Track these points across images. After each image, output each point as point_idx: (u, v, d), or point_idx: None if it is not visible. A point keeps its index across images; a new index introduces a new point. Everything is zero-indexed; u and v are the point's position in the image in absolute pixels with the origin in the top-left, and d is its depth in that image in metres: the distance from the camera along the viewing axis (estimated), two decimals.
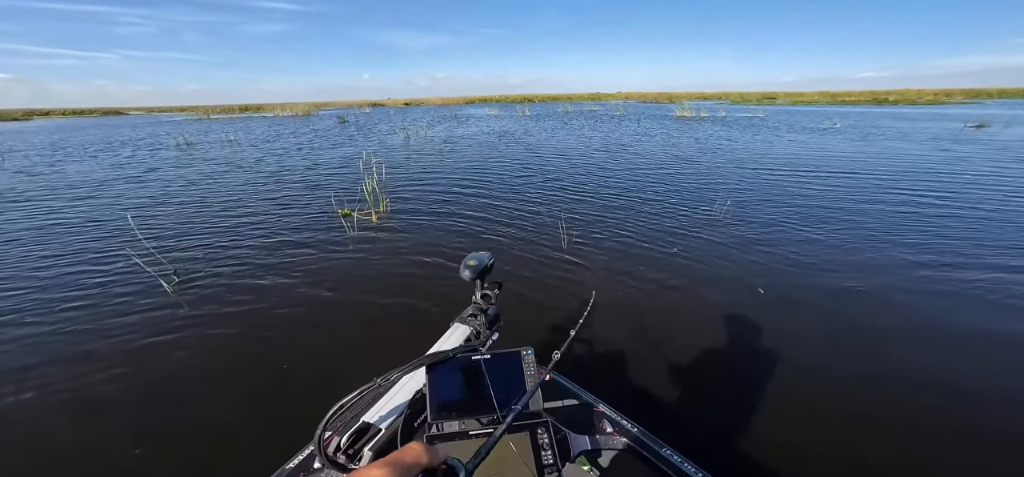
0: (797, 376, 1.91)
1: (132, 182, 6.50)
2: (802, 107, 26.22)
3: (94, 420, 1.76)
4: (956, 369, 1.95)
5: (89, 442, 1.65)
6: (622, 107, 28.04)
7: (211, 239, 3.84)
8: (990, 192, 4.96)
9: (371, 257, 3.36)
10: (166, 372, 2.04)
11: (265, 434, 1.67)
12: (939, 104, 27.70)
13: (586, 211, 4.45)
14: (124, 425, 1.73)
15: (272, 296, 2.74)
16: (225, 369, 2.06)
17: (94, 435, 1.68)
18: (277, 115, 29.89)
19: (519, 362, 0.80)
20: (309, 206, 4.91)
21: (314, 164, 7.87)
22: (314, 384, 1.94)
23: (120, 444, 1.64)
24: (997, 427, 1.63)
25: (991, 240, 3.46)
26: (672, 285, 2.78)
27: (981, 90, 46.94)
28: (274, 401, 1.84)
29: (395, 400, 0.87)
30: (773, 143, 9.34)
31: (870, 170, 6.27)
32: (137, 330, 2.38)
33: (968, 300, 2.54)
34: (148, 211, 4.81)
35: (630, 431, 0.84)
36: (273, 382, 1.96)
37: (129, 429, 1.71)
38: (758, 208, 4.44)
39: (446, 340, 1.01)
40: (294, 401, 1.83)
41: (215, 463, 1.55)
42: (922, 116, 17.22)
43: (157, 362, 2.12)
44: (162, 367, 2.08)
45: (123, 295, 2.78)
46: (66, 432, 1.70)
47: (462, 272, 1.04)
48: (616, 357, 2.05)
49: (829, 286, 2.72)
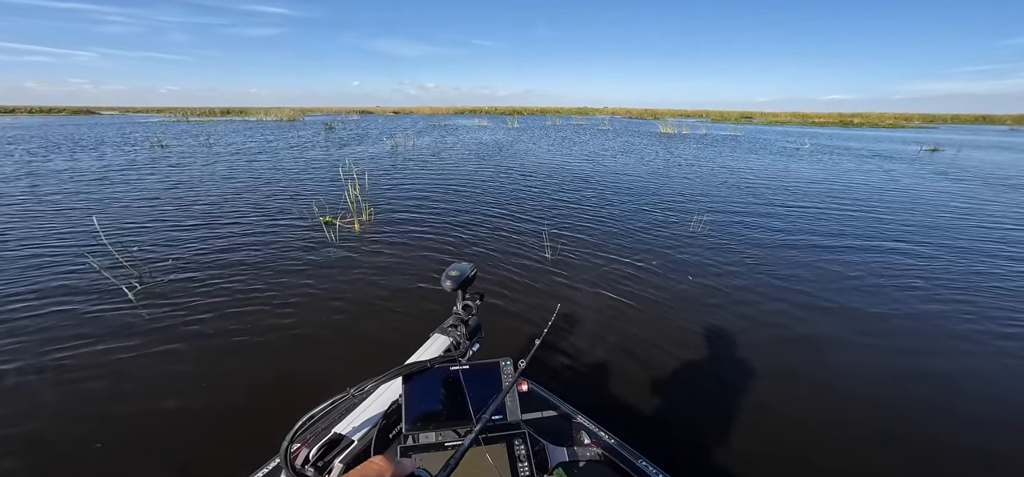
0: (770, 386, 1.98)
1: (94, 183, 6.19)
2: (777, 127, 27.60)
3: (37, 442, 1.63)
4: (932, 378, 2.06)
5: (32, 460, 1.53)
6: (608, 122, 28.82)
7: (181, 245, 3.69)
8: (936, 211, 5.34)
9: (352, 266, 3.29)
10: (124, 385, 1.93)
11: (229, 448, 1.59)
12: (899, 127, 29.72)
13: (571, 223, 4.51)
14: (71, 442, 1.61)
15: (244, 305, 2.64)
16: (189, 380, 1.96)
17: (38, 455, 1.56)
18: (261, 119, 29.20)
19: (497, 373, 0.80)
20: (289, 212, 4.79)
21: (295, 169, 7.71)
22: (285, 396, 1.87)
23: (68, 462, 1.52)
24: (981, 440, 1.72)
25: (951, 263, 3.70)
26: (650, 298, 2.84)
27: (936, 115, 50.71)
28: (241, 414, 1.76)
29: (370, 411, 0.85)
30: (748, 162, 9.76)
31: (841, 191, 6.62)
32: (92, 340, 2.24)
33: (937, 315, 2.69)
34: (112, 214, 4.58)
35: (607, 442, 0.85)
36: (240, 395, 1.88)
37: (75, 443, 1.59)
38: (732, 224, 4.61)
39: (425, 351, 1.00)
40: (263, 414, 1.76)
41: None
42: (884, 138, 18.42)
43: (115, 375, 1.99)
44: (120, 380, 1.96)
45: (80, 303, 2.62)
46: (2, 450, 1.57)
47: (443, 282, 1.04)
48: (595, 368, 2.07)
49: (799, 302, 2.84)
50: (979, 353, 2.27)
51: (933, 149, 13.29)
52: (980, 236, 4.33)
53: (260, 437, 1.64)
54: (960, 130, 28.59)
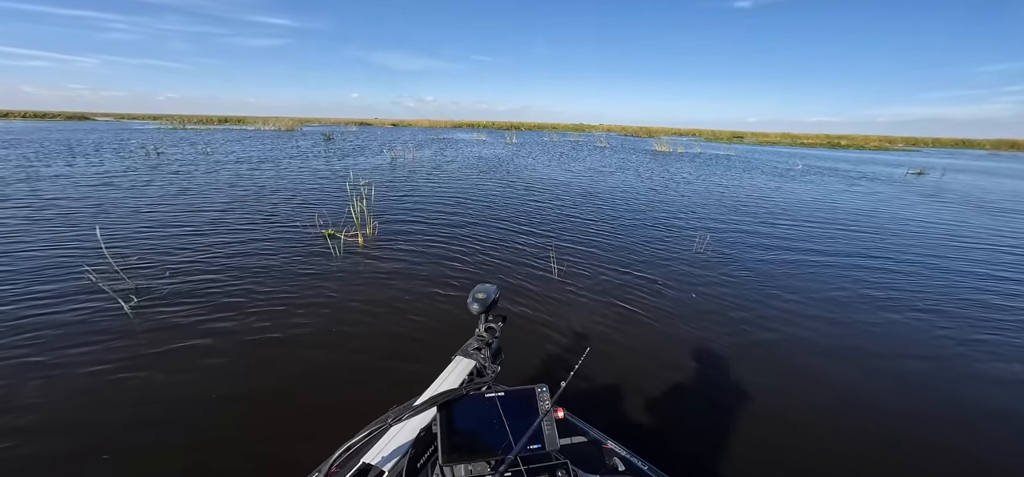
0: (791, 401, 1.97)
1: (81, 190, 6.10)
2: (767, 147, 28.28)
3: (34, 460, 1.56)
4: (941, 392, 2.07)
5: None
6: (604, 139, 29.30)
7: (179, 257, 3.63)
8: (924, 232, 5.47)
9: (357, 282, 3.26)
10: (119, 405, 1.86)
11: (232, 464, 1.53)
12: (883, 150, 30.62)
13: (576, 242, 4.53)
14: (68, 456, 1.54)
15: (244, 322, 2.58)
16: (190, 402, 1.90)
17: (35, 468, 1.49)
18: (259, 128, 29.22)
19: (534, 400, 0.79)
20: (290, 224, 4.75)
21: (296, 180, 7.69)
22: (289, 417, 1.81)
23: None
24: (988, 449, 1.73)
25: (943, 285, 3.77)
26: (660, 314, 2.84)
27: (918, 139, 52.57)
28: (243, 435, 1.70)
29: (399, 439, 0.83)
30: (745, 182, 9.96)
31: (835, 213, 6.77)
32: (86, 357, 2.17)
33: (933, 340, 2.73)
34: (105, 225, 4.51)
35: (641, 469, 0.84)
36: (241, 413, 1.82)
37: (71, 459, 1.52)
38: (735, 243, 4.67)
39: (450, 374, 0.99)
40: (266, 433, 1.70)
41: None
42: (868, 161, 18.95)
43: (111, 393, 1.93)
44: (115, 400, 1.89)
45: (73, 316, 2.54)
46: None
47: (471, 305, 1.03)
48: (613, 390, 2.05)
49: (813, 317, 2.86)
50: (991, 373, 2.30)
51: (919, 172, 13.70)
52: (969, 256, 4.43)
53: (263, 459, 1.58)
54: (941, 154, 29.53)
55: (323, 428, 1.73)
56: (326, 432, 1.69)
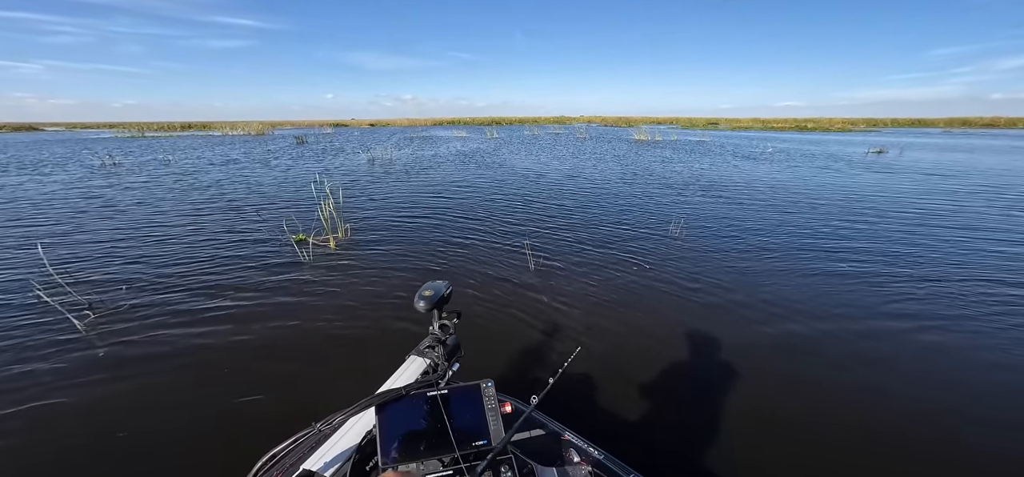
0: (757, 391, 2.01)
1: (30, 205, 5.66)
2: (741, 132, 29.19)
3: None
4: (909, 378, 2.17)
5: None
6: (585, 131, 29.52)
7: (136, 269, 3.41)
8: (884, 206, 5.78)
9: (327, 287, 3.15)
10: (71, 417, 1.72)
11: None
12: (846, 132, 32.15)
13: (553, 234, 4.53)
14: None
15: (207, 332, 2.46)
16: (141, 413, 1.78)
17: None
18: (226, 134, 27.84)
19: (479, 395, 0.76)
20: (258, 232, 4.55)
21: (264, 185, 7.38)
22: (248, 430, 1.73)
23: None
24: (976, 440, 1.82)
25: (920, 251, 3.98)
26: (635, 306, 2.88)
27: (878, 120, 55.69)
28: (198, 451, 1.61)
29: (341, 444, 0.79)
30: (720, 166, 10.23)
31: (805, 192, 7.04)
32: (39, 379, 2.00)
33: (905, 313, 2.86)
34: (57, 238, 4.19)
35: (596, 458, 0.82)
36: (198, 428, 1.72)
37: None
38: (710, 227, 4.78)
39: (401, 375, 0.95)
40: (221, 450, 1.61)
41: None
42: (833, 142, 19.86)
43: (61, 407, 1.78)
44: (71, 420, 1.75)
45: (22, 337, 2.35)
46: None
47: (417, 303, 0.99)
48: (580, 381, 2.05)
49: (779, 305, 2.95)
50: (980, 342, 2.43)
51: (879, 151, 14.45)
52: (930, 229, 4.69)
53: (218, 471, 1.50)
54: (899, 133, 31.26)
55: (280, 439, 1.65)
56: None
